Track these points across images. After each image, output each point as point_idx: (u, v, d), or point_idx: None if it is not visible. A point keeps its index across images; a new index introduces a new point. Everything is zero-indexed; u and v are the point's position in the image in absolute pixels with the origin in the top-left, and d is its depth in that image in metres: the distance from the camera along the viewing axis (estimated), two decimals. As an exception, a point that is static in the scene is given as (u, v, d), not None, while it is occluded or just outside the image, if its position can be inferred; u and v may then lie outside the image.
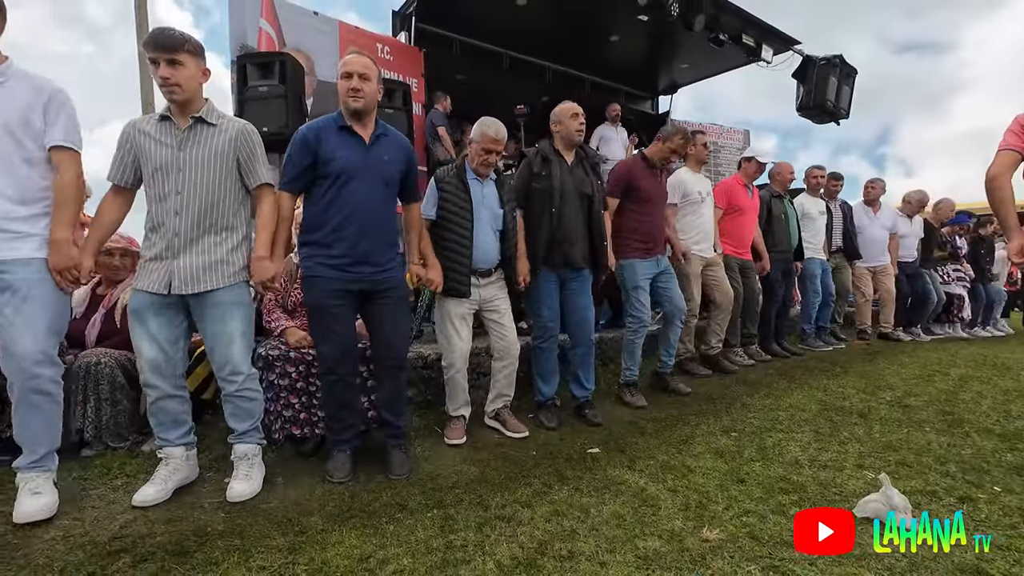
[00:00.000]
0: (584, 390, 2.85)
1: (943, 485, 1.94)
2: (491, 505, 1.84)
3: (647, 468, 2.16)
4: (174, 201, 1.86)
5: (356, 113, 2.03)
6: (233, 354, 1.93)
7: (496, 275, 2.60)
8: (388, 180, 2.10)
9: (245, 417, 2.00)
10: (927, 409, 2.84)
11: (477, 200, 2.48)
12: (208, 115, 1.91)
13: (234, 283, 1.95)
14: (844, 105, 7.13)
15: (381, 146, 2.09)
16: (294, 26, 4.79)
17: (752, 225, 4.04)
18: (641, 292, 3.06)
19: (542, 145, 2.76)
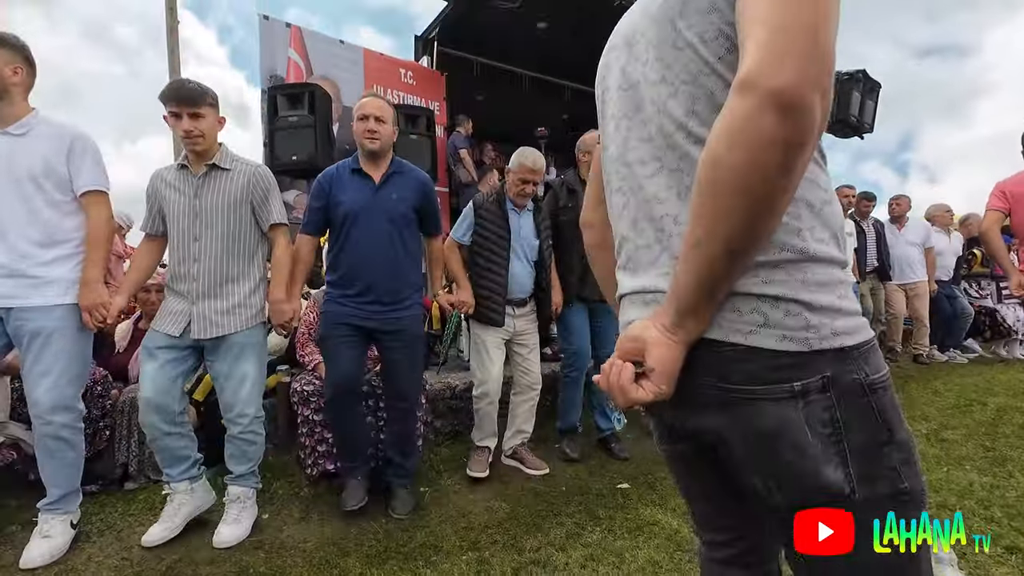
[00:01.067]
0: (610, 421, 2.81)
1: (991, 532, 1.88)
2: (525, 548, 1.84)
3: (679, 507, 2.13)
4: (193, 248, 1.92)
5: (372, 154, 2.10)
6: (242, 396, 1.96)
7: (529, 306, 2.61)
8: (395, 218, 2.10)
9: (244, 460, 2.01)
10: (966, 444, 2.76)
11: (515, 230, 2.50)
12: (222, 161, 1.96)
13: (251, 326, 1.99)
14: (868, 119, 7.02)
15: (391, 185, 2.13)
16: (321, 55, 4.93)
17: None
18: None
19: (568, 176, 2.75)
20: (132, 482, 2.28)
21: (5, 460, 2.12)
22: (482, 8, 4.77)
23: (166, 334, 1.91)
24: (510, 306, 2.51)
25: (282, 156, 3.99)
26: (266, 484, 2.29)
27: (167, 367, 1.89)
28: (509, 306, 2.50)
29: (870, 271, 4.84)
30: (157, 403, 1.87)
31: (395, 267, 2.10)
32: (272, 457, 2.43)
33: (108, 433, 2.24)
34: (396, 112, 2.16)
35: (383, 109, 2.10)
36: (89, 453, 2.19)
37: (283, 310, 2.02)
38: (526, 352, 2.59)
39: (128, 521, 2.03)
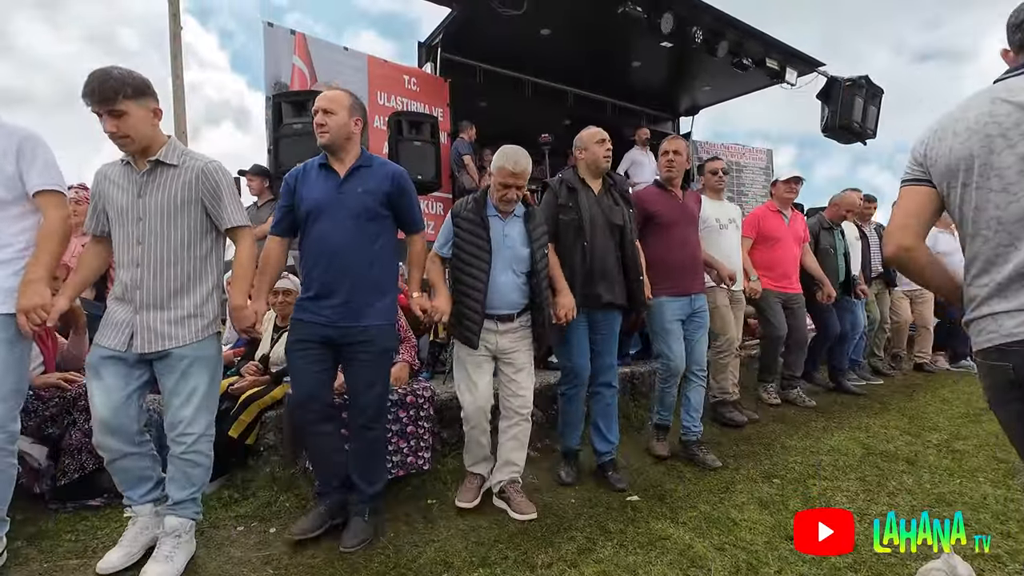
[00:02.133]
0: (607, 443, 2.56)
1: (1005, 548, 1.86)
2: (537, 564, 1.82)
3: (690, 520, 2.12)
4: (136, 252, 1.75)
5: (327, 148, 1.97)
6: (186, 414, 1.78)
7: (519, 322, 2.29)
8: (360, 214, 1.93)
9: (186, 484, 1.81)
10: (978, 455, 2.74)
11: (497, 239, 2.22)
12: (168, 156, 1.77)
13: (201, 339, 1.81)
14: (870, 125, 7.04)
15: (357, 179, 1.97)
16: (325, 62, 4.93)
17: (792, 254, 3.75)
18: (671, 336, 2.72)
19: (566, 174, 2.56)
20: (138, 495, 2.25)
21: (9, 473, 2.09)
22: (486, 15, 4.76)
23: (109, 348, 1.75)
24: (491, 321, 2.23)
25: (287, 163, 3.97)
26: (273, 497, 2.27)
27: (118, 385, 1.74)
28: (491, 321, 2.23)
29: (875, 277, 4.74)
30: (113, 425, 1.73)
31: (357, 268, 1.94)
32: (279, 470, 2.40)
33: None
34: (355, 100, 1.99)
35: (332, 100, 1.94)
36: (95, 466, 2.17)
37: (244, 316, 1.88)
38: (512, 372, 2.29)
39: (134, 536, 2.00)
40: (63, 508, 2.15)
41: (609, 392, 2.58)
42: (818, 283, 3.84)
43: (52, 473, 2.20)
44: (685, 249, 2.80)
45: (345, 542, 1.93)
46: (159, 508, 1.85)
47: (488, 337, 2.24)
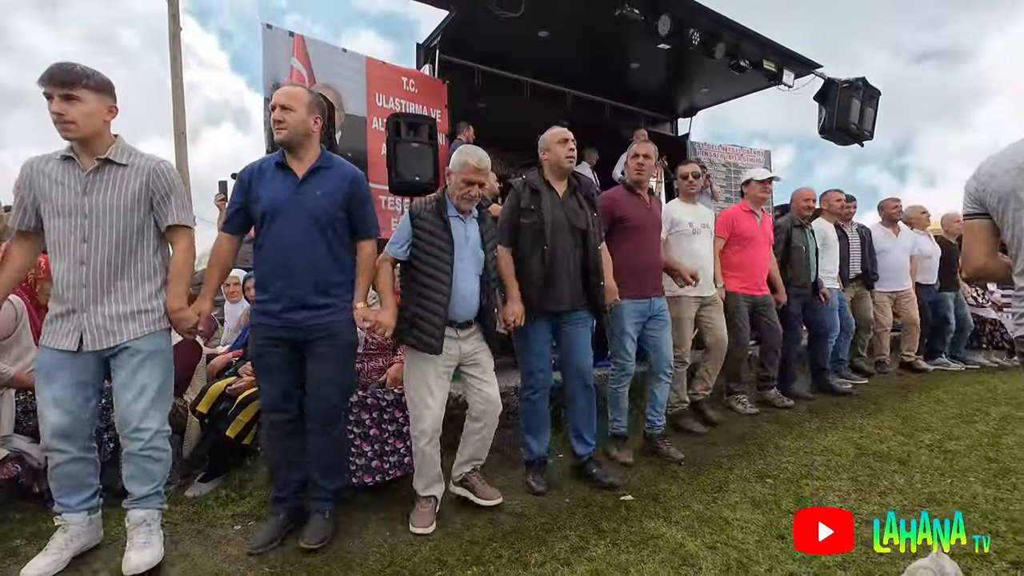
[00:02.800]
0: (586, 445, 2.55)
1: (994, 547, 1.88)
2: (530, 563, 1.84)
3: (683, 520, 2.14)
4: (80, 250, 1.73)
5: (285, 145, 1.95)
6: (139, 409, 1.77)
7: (476, 326, 2.28)
8: (318, 217, 1.92)
9: (146, 480, 1.81)
10: (970, 455, 2.76)
11: (459, 241, 2.16)
12: (117, 155, 1.77)
13: (154, 331, 1.83)
14: (868, 127, 7.07)
15: (316, 180, 1.95)
16: (324, 63, 4.95)
17: (763, 255, 3.69)
18: (627, 339, 2.76)
19: (530, 175, 2.50)
20: (135, 494, 2.27)
21: (9, 474, 2.11)
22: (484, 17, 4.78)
23: (60, 350, 1.73)
24: (452, 328, 2.17)
25: (285, 165, 4.00)
26: (269, 497, 2.27)
27: (72, 387, 1.73)
28: (451, 329, 2.16)
29: (853, 278, 4.63)
30: (68, 429, 1.72)
31: (318, 270, 1.93)
32: (276, 469, 2.42)
33: (112, 446, 2.23)
34: (315, 98, 1.97)
35: (290, 96, 1.91)
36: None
37: (184, 317, 1.87)
38: (479, 373, 2.25)
39: (131, 535, 2.02)
40: (62, 507, 2.16)
41: (585, 394, 2.52)
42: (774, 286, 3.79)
43: (51, 472, 2.22)
44: (650, 253, 2.84)
45: (306, 539, 1.92)
46: (92, 517, 1.86)
47: (450, 345, 2.16)
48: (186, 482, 2.41)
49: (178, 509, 2.20)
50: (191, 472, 2.50)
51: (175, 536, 2.01)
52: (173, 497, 2.29)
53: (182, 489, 2.36)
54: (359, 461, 2.29)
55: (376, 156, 5.17)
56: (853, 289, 4.65)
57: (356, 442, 2.29)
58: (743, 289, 3.60)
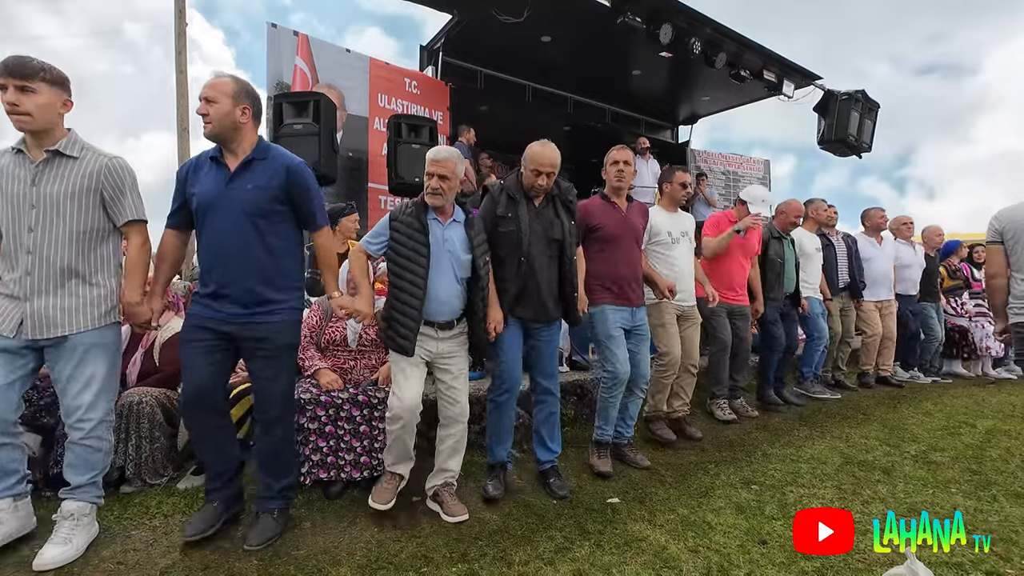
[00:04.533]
0: (549, 452, 2.52)
1: (970, 556, 1.92)
2: (514, 561, 1.87)
3: (667, 523, 2.17)
4: (27, 239, 1.76)
5: (213, 140, 1.90)
6: (85, 400, 1.80)
7: (458, 328, 2.28)
8: (251, 211, 1.86)
9: (85, 469, 1.84)
10: (953, 467, 2.80)
11: (436, 244, 2.17)
12: (68, 148, 1.79)
13: (100, 326, 1.85)
14: (866, 139, 7.14)
15: (248, 173, 1.89)
16: (327, 63, 5.00)
17: (741, 266, 3.65)
18: (615, 342, 2.66)
19: (508, 182, 2.47)
20: (128, 486, 2.30)
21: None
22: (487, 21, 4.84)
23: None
24: (431, 328, 2.20)
25: (286, 163, 4.04)
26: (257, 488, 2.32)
27: (1, 372, 1.74)
28: (431, 328, 2.20)
29: (842, 288, 4.54)
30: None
31: (253, 267, 1.87)
32: (267, 463, 2.45)
33: (106, 436, 2.27)
34: (241, 88, 1.89)
35: (213, 87, 1.85)
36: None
37: (137, 312, 1.90)
38: (450, 379, 2.25)
39: (123, 525, 2.05)
40: (55, 496, 2.19)
41: (551, 400, 2.52)
42: (753, 296, 3.75)
43: (45, 462, 2.25)
44: (628, 264, 2.76)
45: (248, 540, 1.89)
46: (19, 503, 1.85)
47: (427, 343, 2.20)
48: (179, 475, 2.44)
49: (170, 501, 2.23)
50: (184, 465, 2.53)
51: (166, 527, 2.04)
52: (166, 489, 2.33)
53: (174, 482, 2.39)
54: (315, 457, 2.31)
55: (377, 156, 5.21)
56: (841, 300, 4.56)
57: (312, 438, 2.31)
58: (721, 296, 3.48)
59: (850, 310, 4.64)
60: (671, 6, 5.10)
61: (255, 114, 1.93)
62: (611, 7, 4.76)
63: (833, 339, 4.43)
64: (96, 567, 1.77)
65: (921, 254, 5.08)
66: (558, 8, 4.85)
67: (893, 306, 4.76)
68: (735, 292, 3.63)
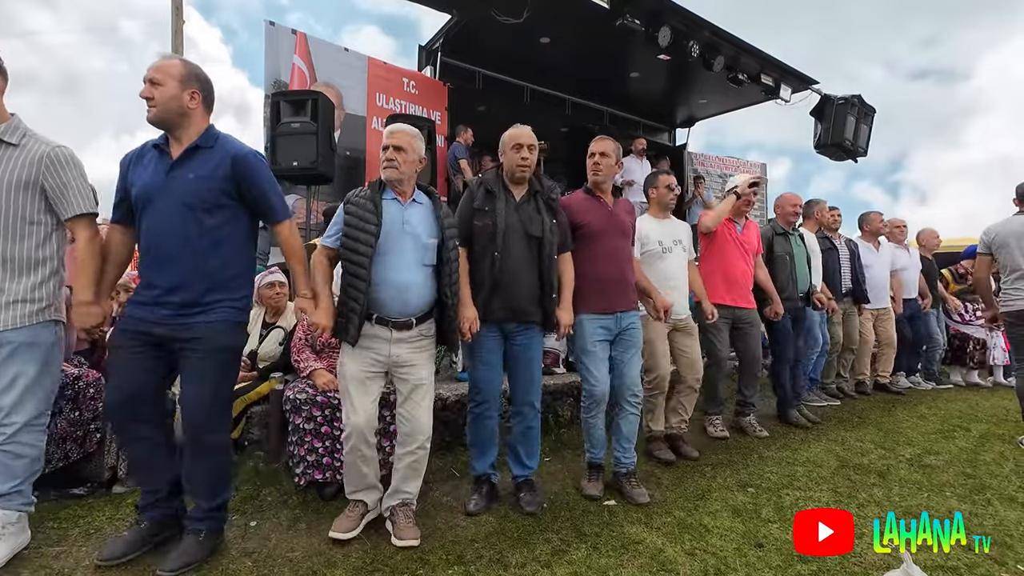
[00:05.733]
0: (524, 468, 2.35)
1: (965, 560, 1.92)
2: (511, 563, 1.86)
3: (664, 526, 2.17)
4: None
5: (158, 126, 1.77)
6: (8, 400, 1.68)
7: (420, 329, 2.04)
8: (193, 203, 1.72)
9: (7, 477, 1.70)
10: (948, 470, 2.81)
11: (393, 225, 1.98)
12: (7, 134, 1.70)
13: (32, 323, 1.73)
14: (862, 144, 7.18)
15: (191, 162, 1.75)
16: (325, 62, 4.99)
17: (742, 265, 3.38)
18: (592, 358, 2.44)
19: (487, 175, 2.35)
20: (120, 486, 2.28)
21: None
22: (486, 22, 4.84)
23: None
24: (384, 328, 1.98)
25: (283, 161, 4.02)
26: (255, 491, 2.31)
27: None
28: (383, 328, 1.98)
29: (845, 294, 4.34)
30: None
31: (192, 263, 1.73)
32: (262, 464, 2.44)
33: (99, 436, 2.24)
34: (190, 71, 1.77)
35: (158, 69, 1.71)
36: (79, 455, 2.20)
37: (87, 313, 1.76)
38: (408, 390, 2.02)
39: (116, 526, 2.03)
40: (46, 496, 2.17)
41: (530, 413, 2.35)
42: (768, 297, 3.50)
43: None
44: (614, 262, 2.51)
45: (163, 564, 1.71)
46: None
47: (379, 347, 1.98)
48: (172, 475, 2.42)
49: (163, 501, 2.21)
50: (177, 465, 2.50)
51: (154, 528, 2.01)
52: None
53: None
54: (310, 457, 2.28)
55: (374, 156, 5.20)
56: (843, 306, 4.33)
57: (307, 439, 2.29)
58: (720, 300, 3.26)
59: (852, 316, 4.44)
60: (670, 9, 5.12)
61: (205, 100, 1.81)
62: (610, 9, 4.77)
63: (835, 346, 4.27)
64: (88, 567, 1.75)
65: (916, 257, 5.00)
66: (557, 9, 4.85)
67: (891, 313, 4.65)
68: (739, 294, 3.35)
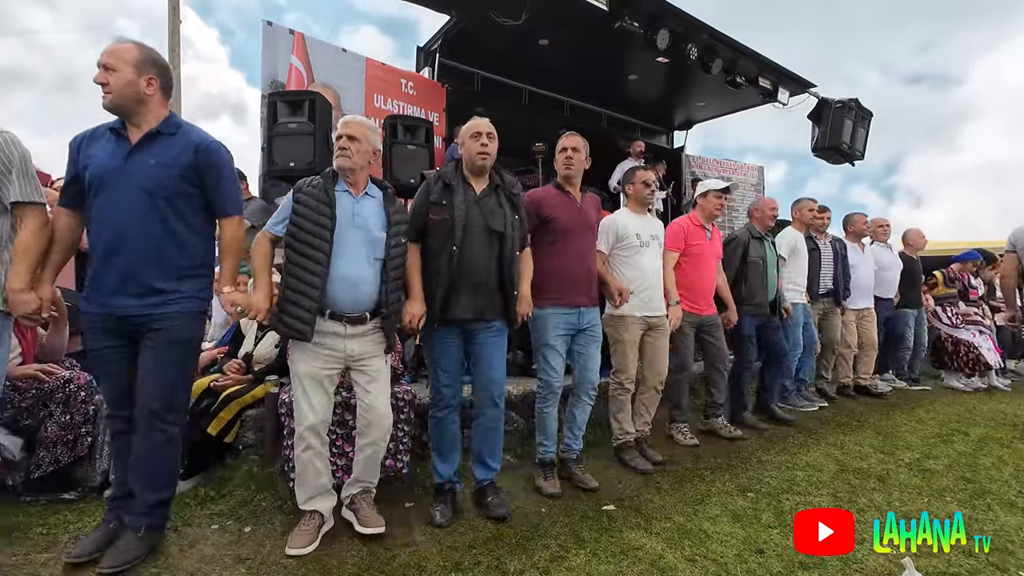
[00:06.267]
0: (487, 470, 2.31)
1: (966, 566, 1.91)
2: (509, 570, 1.84)
3: (664, 531, 2.15)
4: None
5: (114, 112, 1.74)
6: None
7: (373, 323, 2.04)
8: (152, 189, 1.70)
9: None
10: (947, 475, 2.80)
11: (344, 218, 1.95)
12: None
13: None
14: (859, 147, 7.19)
15: (153, 148, 1.73)
16: (323, 62, 4.96)
17: (710, 273, 3.37)
18: (551, 352, 2.48)
19: (445, 168, 2.29)
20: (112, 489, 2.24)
21: (-18, 464, 2.08)
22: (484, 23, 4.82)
23: None
24: (339, 324, 1.97)
25: (280, 162, 3.98)
26: (250, 496, 2.27)
27: None
28: (338, 323, 1.97)
29: (824, 294, 4.31)
30: None
31: (150, 251, 1.71)
32: (257, 469, 2.40)
33: (90, 440, 2.21)
34: (147, 55, 1.73)
35: (112, 53, 1.69)
36: (70, 459, 2.17)
37: (22, 300, 1.70)
38: (367, 382, 2.03)
39: (106, 531, 1.99)
40: (36, 501, 2.14)
41: (493, 413, 2.28)
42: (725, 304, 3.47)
43: (26, 465, 2.19)
44: (580, 258, 2.53)
45: (102, 562, 1.67)
46: None
47: (334, 343, 1.96)
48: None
49: (155, 506, 2.17)
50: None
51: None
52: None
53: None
54: (340, 462, 2.26)
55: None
56: (822, 306, 4.35)
57: (338, 443, 2.28)
58: (688, 308, 3.22)
59: (832, 316, 4.40)
60: (668, 11, 5.11)
61: (164, 86, 1.78)
62: (608, 12, 4.75)
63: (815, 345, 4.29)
64: None
65: (899, 257, 5.01)
66: (556, 11, 4.83)
67: (873, 314, 4.65)
68: (707, 302, 3.35)
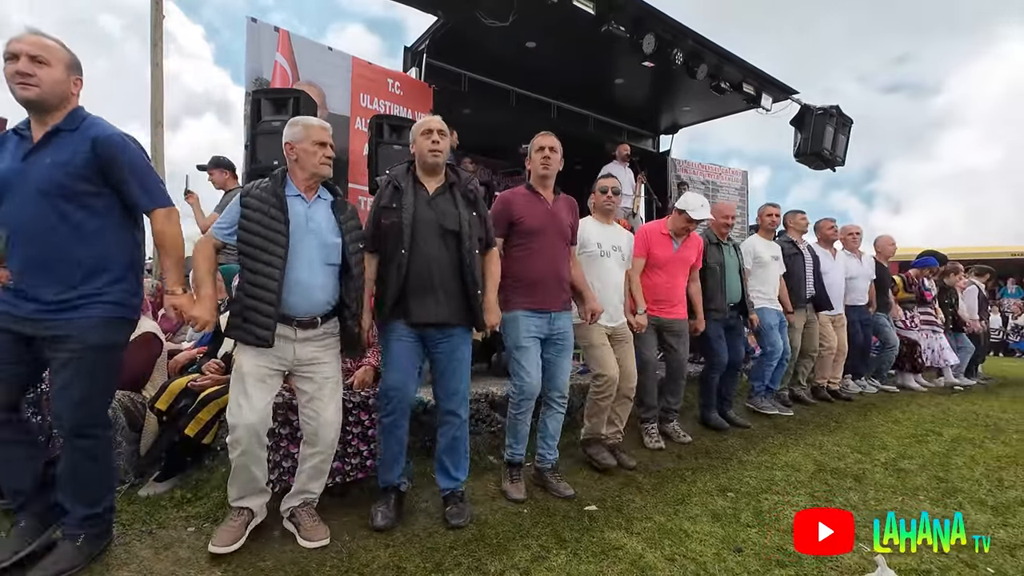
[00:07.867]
0: (451, 480, 2.23)
1: (937, 564, 1.95)
2: (489, 571, 1.83)
3: (644, 531, 2.16)
4: None
5: (33, 106, 1.65)
6: None
7: (325, 328, 2.00)
8: (49, 190, 1.61)
9: None
10: (921, 474, 2.86)
11: (298, 223, 1.91)
12: None
13: None
14: (840, 153, 7.34)
15: (50, 147, 1.64)
16: (308, 61, 4.91)
17: (676, 282, 3.36)
18: (525, 353, 2.41)
19: (395, 170, 2.21)
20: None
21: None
22: (472, 24, 4.82)
23: None
24: (289, 327, 1.91)
25: (263, 160, 3.94)
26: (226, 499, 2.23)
27: None
28: (288, 327, 1.91)
29: (808, 300, 4.34)
30: None
31: (52, 254, 1.63)
32: (235, 470, 2.36)
33: (62, 441, 2.15)
34: (74, 57, 1.69)
35: (45, 48, 1.62)
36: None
37: None
38: (313, 389, 1.97)
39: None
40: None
41: (456, 422, 2.22)
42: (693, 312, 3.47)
43: None
44: (550, 261, 2.46)
45: (34, 571, 1.62)
46: None
47: (283, 347, 1.91)
48: (141, 481, 2.34)
49: (130, 509, 2.13)
50: (146, 471, 2.42)
51: (125, 537, 1.94)
52: (126, 496, 2.22)
53: (136, 488, 2.28)
54: (286, 464, 2.22)
55: (357, 156, 5.14)
56: (804, 314, 4.34)
57: (282, 444, 2.23)
58: (649, 312, 3.20)
59: (813, 323, 4.43)
60: (654, 16, 5.17)
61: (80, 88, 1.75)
62: (595, 15, 4.79)
63: (794, 353, 4.27)
64: None
65: (868, 265, 5.08)
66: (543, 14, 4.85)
67: (844, 319, 4.73)
68: (670, 305, 3.33)
